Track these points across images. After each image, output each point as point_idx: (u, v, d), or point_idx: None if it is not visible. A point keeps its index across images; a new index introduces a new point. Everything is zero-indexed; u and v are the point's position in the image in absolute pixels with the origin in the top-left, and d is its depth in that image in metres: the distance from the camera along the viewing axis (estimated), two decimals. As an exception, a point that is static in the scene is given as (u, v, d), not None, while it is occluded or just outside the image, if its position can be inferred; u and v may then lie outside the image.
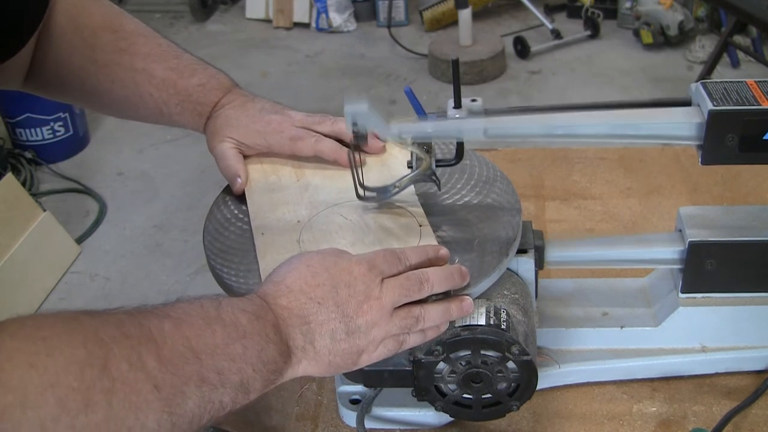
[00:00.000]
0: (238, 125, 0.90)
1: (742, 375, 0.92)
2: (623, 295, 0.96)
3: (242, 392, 0.61)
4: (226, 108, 0.91)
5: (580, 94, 3.33)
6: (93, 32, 0.88)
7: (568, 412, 0.91)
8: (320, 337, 0.66)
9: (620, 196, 1.27)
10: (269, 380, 0.64)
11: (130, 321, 0.57)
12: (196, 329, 0.59)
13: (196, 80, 0.91)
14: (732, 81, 0.77)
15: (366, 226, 0.82)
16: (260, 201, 0.88)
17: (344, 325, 0.67)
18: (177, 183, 2.92)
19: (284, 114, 0.91)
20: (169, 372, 0.56)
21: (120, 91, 0.90)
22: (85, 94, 0.91)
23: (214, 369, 0.58)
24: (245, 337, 0.62)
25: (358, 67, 3.75)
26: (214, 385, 0.58)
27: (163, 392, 0.55)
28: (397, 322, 0.70)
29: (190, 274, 2.49)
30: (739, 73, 3.39)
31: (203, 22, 4.31)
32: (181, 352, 0.57)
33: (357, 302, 0.68)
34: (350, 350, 0.68)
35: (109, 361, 0.52)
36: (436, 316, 0.72)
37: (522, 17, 4.02)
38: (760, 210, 0.88)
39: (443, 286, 0.72)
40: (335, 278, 0.68)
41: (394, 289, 0.69)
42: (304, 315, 0.66)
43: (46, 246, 2.48)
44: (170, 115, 0.92)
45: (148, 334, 0.56)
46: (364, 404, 0.87)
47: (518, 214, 0.84)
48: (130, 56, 0.89)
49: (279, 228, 0.84)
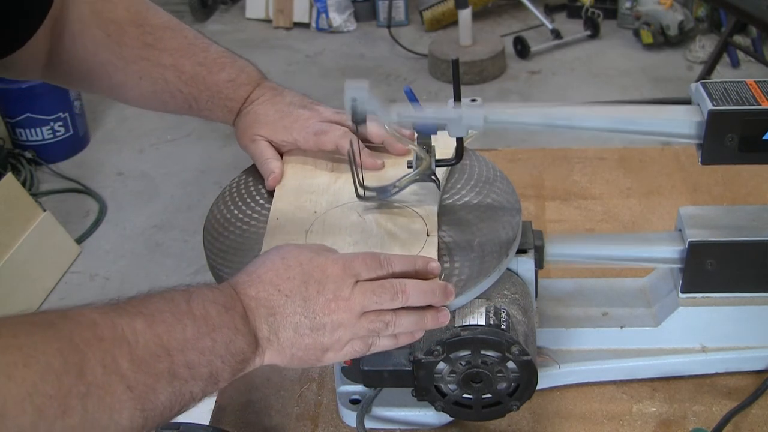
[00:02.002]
0: (266, 122, 0.90)
1: (742, 375, 0.92)
2: (623, 295, 0.96)
3: (211, 383, 0.63)
4: (255, 104, 0.92)
5: (580, 94, 3.33)
6: (118, 27, 0.88)
7: (568, 412, 0.91)
8: (284, 329, 0.67)
9: (620, 196, 1.26)
10: (237, 369, 0.65)
11: (103, 322, 0.57)
12: (167, 325, 0.60)
13: (225, 75, 0.91)
14: (732, 81, 0.77)
15: (375, 228, 0.82)
16: (288, 187, 0.89)
17: (309, 320, 0.67)
18: (177, 183, 2.92)
19: (312, 109, 0.91)
20: (141, 371, 0.57)
21: (149, 87, 0.90)
22: (111, 88, 0.92)
23: (184, 364, 0.60)
24: (215, 330, 0.63)
25: (358, 67, 3.75)
26: (184, 379, 0.60)
27: (136, 391, 0.56)
28: (365, 325, 0.69)
29: (190, 274, 2.49)
30: (739, 73, 3.39)
31: (203, 22, 4.31)
32: (153, 350, 0.58)
33: (325, 300, 0.68)
34: (314, 346, 0.68)
35: (84, 366, 0.54)
36: (408, 324, 0.71)
37: (522, 17, 4.02)
38: (760, 210, 0.88)
39: (420, 300, 0.71)
40: (307, 274, 0.68)
41: (365, 293, 0.69)
42: (271, 306, 0.67)
43: (46, 246, 2.48)
44: (200, 110, 0.93)
45: (121, 335, 0.57)
46: (364, 404, 0.87)
47: (518, 214, 0.84)
48: (158, 51, 0.89)
49: (295, 215, 0.85)
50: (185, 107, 0.92)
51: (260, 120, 0.90)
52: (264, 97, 0.92)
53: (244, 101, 0.92)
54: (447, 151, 0.83)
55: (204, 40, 0.93)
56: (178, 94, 0.91)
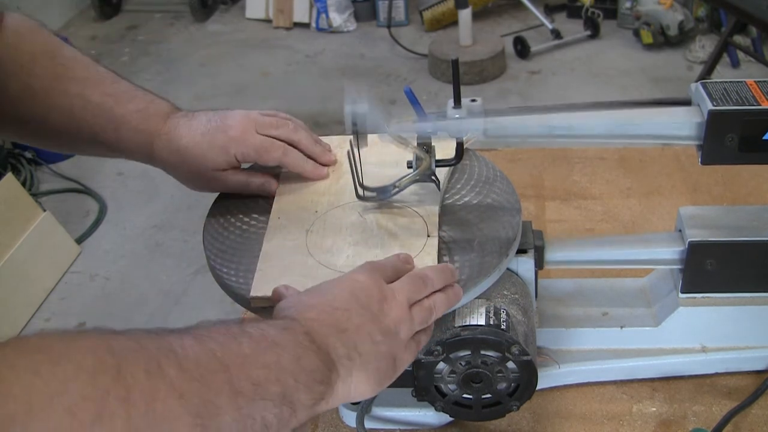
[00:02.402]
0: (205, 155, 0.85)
1: (742, 375, 0.92)
2: (623, 295, 0.96)
3: (287, 406, 0.55)
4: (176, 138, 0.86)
5: (580, 94, 3.33)
6: (31, 58, 0.85)
7: (568, 412, 0.91)
8: (362, 342, 0.62)
9: (620, 196, 1.27)
10: (317, 393, 0.58)
11: (145, 335, 0.52)
12: (220, 342, 0.54)
13: (133, 106, 0.86)
14: (732, 81, 0.77)
15: (376, 228, 0.82)
16: (290, 187, 0.89)
17: (377, 326, 0.64)
18: (177, 183, 2.89)
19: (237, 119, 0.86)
20: (194, 380, 0.50)
21: (56, 119, 0.86)
22: (21, 125, 0.87)
23: (247, 379, 0.53)
24: (277, 346, 0.57)
25: (358, 67, 3.75)
26: (250, 398, 0.53)
27: (192, 401, 0.49)
28: (417, 316, 0.68)
29: (190, 274, 2.49)
30: (739, 73, 3.39)
31: (203, 22, 4.31)
32: (206, 362, 0.52)
33: (378, 301, 0.66)
34: (389, 353, 0.65)
35: (122, 369, 0.48)
36: (443, 305, 0.71)
37: (522, 17, 4.02)
38: (760, 210, 0.88)
39: (441, 281, 0.72)
40: (349, 288, 0.66)
41: (403, 287, 0.69)
42: (337, 324, 0.62)
43: (46, 246, 2.48)
44: (107, 142, 0.87)
45: (168, 346, 0.51)
46: (364, 404, 0.87)
47: (518, 214, 0.84)
48: (66, 81, 0.85)
49: (296, 214, 0.85)
50: (92, 140, 0.87)
51: (199, 155, 0.85)
52: (180, 127, 0.86)
53: (159, 135, 0.86)
54: (448, 152, 0.83)
55: (117, 75, 0.89)
56: (83, 125, 0.86)
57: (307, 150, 0.90)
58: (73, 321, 2.34)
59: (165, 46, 4.07)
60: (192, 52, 4.00)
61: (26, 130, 0.89)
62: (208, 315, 2.30)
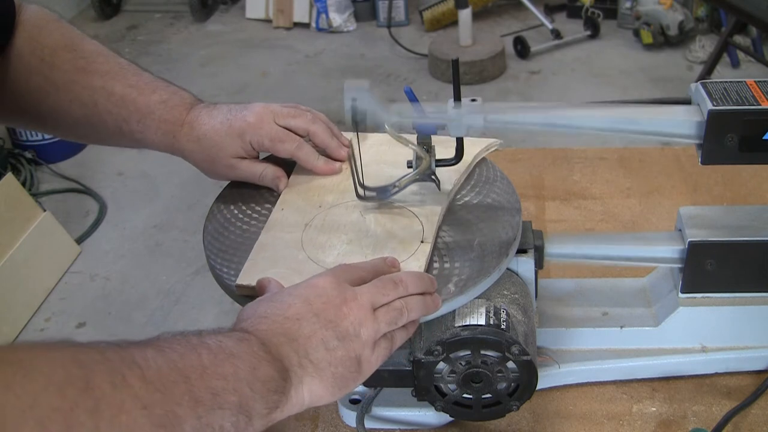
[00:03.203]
0: (223, 142, 0.87)
1: (742, 375, 0.92)
2: (623, 295, 0.96)
3: (243, 415, 0.57)
4: (196, 126, 0.87)
5: (580, 94, 3.33)
6: (52, 51, 0.86)
7: (568, 412, 0.91)
8: (313, 349, 0.64)
9: (620, 196, 1.27)
10: (272, 402, 0.60)
11: (109, 348, 0.54)
12: (180, 353, 0.56)
13: (156, 97, 0.88)
14: (732, 81, 0.77)
15: (373, 228, 0.82)
16: (300, 179, 0.90)
17: (332, 331, 0.65)
18: (177, 183, 2.92)
19: (256, 110, 0.88)
20: (157, 391, 0.52)
21: (79, 111, 0.87)
22: (42, 117, 0.88)
23: (206, 389, 0.55)
24: (234, 357, 0.58)
25: (358, 67, 3.75)
26: (210, 407, 0.55)
27: (154, 412, 0.51)
28: (383, 318, 0.68)
29: (190, 274, 2.49)
30: (739, 73, 3.39)
31: (203, 22, 4.31)
32: (167, 373, 0.54)
33: (335, 306, 0.66)
34: (348, 357, 0.65)
35: (91, 381, 0.49)
36: (418, 307, 0.70)
37: (522, 17, 4.02)
38: (760, 210, 0.88)
39: (417, 286, 0.71)
40: (304, 295, 0.66)
41: (369, 290, 0.68)
42: (288, 333, 0.63)
43: (46, 246, 2.48)
44: (131, 133, 0.88)
45: (131, 358, 0.53)
46: (364, 404, 0.87)
47: (518, 214, 0.84)
48: (89, 74, 0.86)
49: (299, 207, 0.86)
50: (116, 132, 0.88)
51: (217, 142, 0.87)
52: (201, 116, 0.88)
53: (182, 125, 0.88)
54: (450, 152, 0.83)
55: (138, 67, 0.90)
56: (107, 116, 0.87)
57: (323, 142, 0.90)
58: (73, 321, 2.35)
59: (165, 46, 4.07)
60: (192, 52, 4.01)
61: (49, 122, 0.91)
62: (208, 315, 2.31)
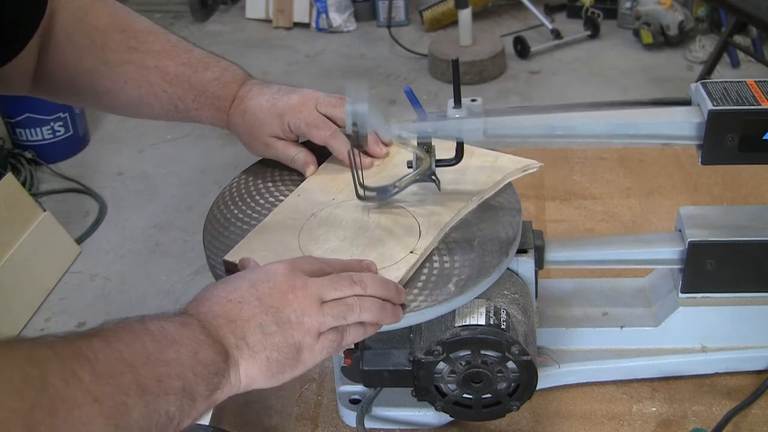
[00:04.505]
0: (265, 120, 0.90)
1: (742, 375, 0.92)
2: (623, 295, 0.96)
3: (187, 398, 0.59)
4: (245, 101, 0.90)
5: (580, 94, 3.33)
6: (102, 32, 0.87)
7: (568, 412, 0.91)
8: (250, 332, 0.64)
9: (620, 196, 1.27)
10: (213, 384, 0.62)
11: (59, 342, 0.55)
12: (125, 342, 0.58)
13: (210, 74, 0.90)
14: (732, 81, 0.77)
15: (371, 228, 0.82)
16: (331, 167, 0.91)
17: (271, 317, 0.65)
18: (177, 183, 2.92)
19: (302, 94, 0.90)
20: (107, 384, 0.54)
21: (133, 91, 0.89)
22: (97, 96, 0.90)
23: (152, 376, 0.57)
24: (176, 343, 0.60)
25: (358, 67, 3.75)
26: (156, 394, 0.57)
27: (105, 404, 0.53)
28: (329, 311, 0.67)
29: (190, 274, 2.49)
30: (739, 73, 3.39)
31: (203, 22, 4.31)
32: (115, 364, 0.55)
33: (280, 293, 0.66)
34: (286, 344, 0.65)
35: (46, 379, 0.51)
36: (372, 309, 0.70)
37: (522, 17, 4.02)
38: (760, 210, 0.88)
39: (377, 290, 0.70)
40: (253, 279, 0.67)
41: (321, 281, 0.68)
42: (227, 315, 0.64)
43: (46, 246, 2.48)
44: (187, 110, 0.91)
45: (79, 352, 0.55)
46: (364, 404, 0.87)
47: (518, 214, 0.84)
48: (141, 54, 0.88)
49: (314, 196, 0.87)
50: (171, 109, 0.91)
51: (259, 119, 0.90)
52: (252, 92, 0.91)
53: (233, 100, 0.91)
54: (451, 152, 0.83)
55: (187, 43, 0.92)
56: (162, 95, 0.89)
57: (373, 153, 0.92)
58: (73, 321, 2.35)
59: (165, 46, 4.06)
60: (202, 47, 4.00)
61: (104, 101, 0.92)
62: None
